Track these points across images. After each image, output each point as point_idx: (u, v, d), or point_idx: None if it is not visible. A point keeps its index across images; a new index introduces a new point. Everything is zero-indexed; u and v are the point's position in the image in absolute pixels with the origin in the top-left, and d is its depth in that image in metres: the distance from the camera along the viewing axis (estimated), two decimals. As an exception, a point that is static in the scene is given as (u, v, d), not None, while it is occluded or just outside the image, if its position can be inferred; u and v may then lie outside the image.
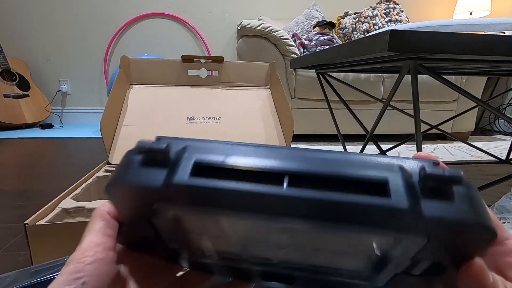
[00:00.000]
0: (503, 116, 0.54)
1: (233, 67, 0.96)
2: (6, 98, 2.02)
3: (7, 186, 0.93)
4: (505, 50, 0.42)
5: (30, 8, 2.20)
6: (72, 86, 2.39)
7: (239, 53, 1.71)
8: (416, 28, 0.52)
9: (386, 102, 0.62)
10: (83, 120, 2.43)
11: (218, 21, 2.39)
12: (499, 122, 2.43)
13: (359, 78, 1.71)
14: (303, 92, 1.70)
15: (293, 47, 1.64)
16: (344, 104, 0.97)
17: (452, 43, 0.42)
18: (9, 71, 2.07)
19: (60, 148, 1.53)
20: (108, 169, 0.71)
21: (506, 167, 1.23)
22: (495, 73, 0.93)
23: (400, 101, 1.77)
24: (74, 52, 2.32)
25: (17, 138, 1.77)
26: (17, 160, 1.26)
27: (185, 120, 0.87)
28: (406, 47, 0.42)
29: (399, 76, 0.57)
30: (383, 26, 1.86)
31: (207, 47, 2.41)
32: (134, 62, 0.90)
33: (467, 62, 0.54)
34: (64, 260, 0.35)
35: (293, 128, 0.85)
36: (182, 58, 0.92)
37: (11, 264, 0.52)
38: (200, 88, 0.94)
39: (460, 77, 1.79)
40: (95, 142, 1.65)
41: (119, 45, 2.36)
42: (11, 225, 0.66)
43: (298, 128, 1.72)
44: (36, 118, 2.16)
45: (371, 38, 0.45)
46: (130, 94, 0.88)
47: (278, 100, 0.93)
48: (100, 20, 2.29)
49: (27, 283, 0.32)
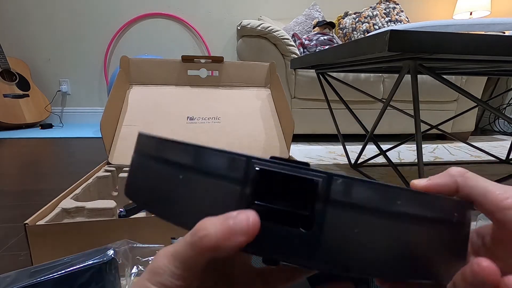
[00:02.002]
0: (503, 116, 0.54)
1: (233, 67, 0.96)
2: (6, 98, 2.02)
3: (7, 186, 0.93)
4: (505, 50, 0.42)
5: (30, 8, 2.20)
6: (72, 86, 2.39)
7: (239, 53, 1.71)
8: (416, 28, 0.52)
9: (386, 102, 0.62)
10: (83, 120, 2.43)
11: (218, 21, 2.39)
12: (499, 122, 2.43)
13: (359, 78, 1.71)
14: (303, 92, 1.70)
15: (293, 47, 1.64)
16: (344, 104, 0.97)
17: (452, 43, 0.42)
18: (9, 71, 2.07)
19: (60, 148, 1.53)
20: (108, 169, 0.71)
21: (506, 167, 1.23)
22: (495, 73, 0.93)
23: (400, 101, 1.77)
24: (74, 52, 2.32)
25: (17, 138, 1.77)
26: (17, 160, 1.26)
27: (185, 120, 0.87)
28: (406, 47, 0.42)
29: (399, 76, 0.57)
30: (383, 26, 1.86)
31: (207, 47, 2.41)
32: (134, 62, 0.90)
33: (467, 62, 0.54)
34: (64, 260, 0.35)
35: (293, 128, 0.85)
36: (182, 58, 0.92)
37: (11, 264, 0.52)
38: (200, 88, 0.94)
39: (460, 77, 1.79)
40: (95, 142, 1.65)
41: (119, 45, 2.36)
42: (11, 225, 0.66)
43: (298, 128, 1.72)
44: (36, 118, 2.16)
45: (371, 38, 0.45)
46: (130, 94, 0.88)
47: (278, 100, 0.93)
48: (100, 20, 2.29)
49: (27, 283, 0.32)
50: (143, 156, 0.19)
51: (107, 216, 0.50)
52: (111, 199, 0.58)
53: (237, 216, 0.13)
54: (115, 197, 0.69)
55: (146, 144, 0.19)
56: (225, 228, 0.13)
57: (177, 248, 0.14)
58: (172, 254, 0.14)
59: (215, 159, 0.15)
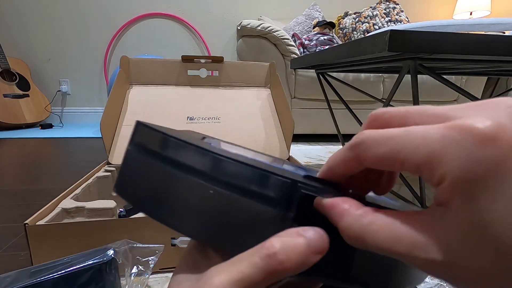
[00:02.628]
0: (503, 116, 0.54)
1: (233, 67, 0.96)
2: (6, 98, 2.02)
3: (7, 186, 0.93)
4: (505, 50, 0.42)
5: (30, 8, 2.20)
6: (72, 86, 2.39)
7: (239, 53, 1.71)
8: (416, 28, 0.52)
9: (386, 102, 0.62)
10: (83, 120, 2.43)
11: (218, 21, 2.39)
12: (499, 122, 2.43)
13: (359, 78, 1.71)
14: (303, 92, 1.70)
15: (293, 47, 1.64)
16: (344, 104, 0.97)
17: (452, 43, 0.42)
18: (9, 71, 2.07)
19: (60, 148, 1.53)
20: (108, 169, 0.71)
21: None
22: (495, 73, 0.93)
23: (400, 101, 1.77)
24: (74, 52, 2.32)
25: (17, 138, 1.77)
26: (17, 160, 1.26)
27: (185, 120, 0.87)
28: (406, 47, 0.42)
29: (399, 76, 0.57)
30: (383, 26, 1.86)
31: (207, 47, 2.41)
32: (134, 62, 0.90)
33: (467, 62, 0.54)
34: (64, 260, 0.35)
35: (293, 128, 0.85)
36: (182, 58, 0.92)
37: (11, 264, 0.52)
38: (200, 88, 0.94)
39: (460, 77, 1.79)
40: (95, 142, 1.65)
41: (119, 45, 2.36)
42: (11, 225, 0.66)
43: (298, 128, 1.72)
44: (36, 118, 2.16)
45: (371, 38, 0.45)
46: (130, 94, 0.88)
47: (278, 100, 0.93)
48: (100, 20, 2.29)
49: (27, 283, 0.32)
50: (144, 152, 0.16)
51: (107, 216, 0.50)
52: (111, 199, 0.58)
53: (310, 235, 0.13)
54: (115, 197, 0.69)
55: (149, 138, 0.16)
56: (304, 249, 0.12)
57: (243, 274, 0.12)
58: (238, 282, 0.12)
59: (254, 177, 0.13)
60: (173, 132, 0.18)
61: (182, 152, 0.15)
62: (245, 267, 0.12)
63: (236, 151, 0.20)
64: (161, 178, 0.15)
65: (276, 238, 0.13)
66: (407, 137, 0.11)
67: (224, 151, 0.16)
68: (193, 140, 0.16)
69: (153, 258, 0.42)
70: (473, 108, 0.12)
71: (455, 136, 0.10)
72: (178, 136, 0.16)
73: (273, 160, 0.26)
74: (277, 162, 0.25)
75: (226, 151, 0.16)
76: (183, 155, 0.15)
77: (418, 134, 0.11)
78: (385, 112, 0.14)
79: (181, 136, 0.16)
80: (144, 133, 0.17)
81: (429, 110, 0.12)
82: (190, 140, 0.16)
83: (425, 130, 0.11)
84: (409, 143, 0.11)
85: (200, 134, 0.29)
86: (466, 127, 0.10)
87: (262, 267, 0.12)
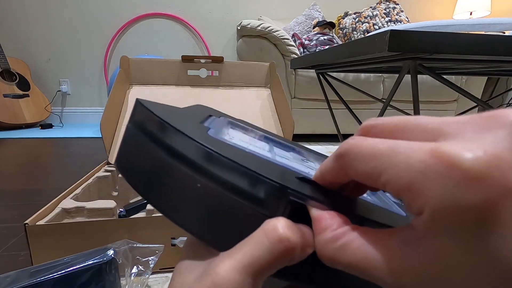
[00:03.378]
0: (503, 116, 0.54)
1: (233, 67, 0.96)
2: (6, 98, 2.02)
3: (7, 186, 0.93)
4: (505, 50, 0.42)
5: (30, 8, 2.20)
6: (72, 86, 2.39)
7: (239, 53, 1.71)
8: (416, 28, 0.52)
9: (386, 102, 0.62)
10: (83, 120, 2.43)
11: (218, 21, 2.39)
12: (499, 122, 2.43)
13: (359, 78, 1.71)
14: (303, 92, 1.70)
15: (293, 47, 1.64)
16: (344, 104, 0.97)
17: (452, 43, 0.42)
18: (9, 71, 2.07)
19: (60, 148, 1.53)
20: (108, 169, 0.71)
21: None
22: (495, 73, 0.93)
23: (400, 101, 1.77)
24: (74, 52, 2.32)
25: (17, 138, 1.77)
26: (17, 160, 1.26)
27: (185, 120, 0.86)
28: (406, 47, 0.42)
29: (399, 76, 0.57)
30: (383, 26, 1.86)
31: (207, 47, 2.41)
32: (134, 62, 0.90)
33: (467, 62, 0.54)
34: (64, 260, 0.35)
35: (293, 128, 0.85)
36: (182, 58, 0.92)
37: (11, 264, 0.52)
38: (200, 88, 0.94)
39: (460, 77, 1.79)
40: (95, 142, 1.65)
41: (119, 45, 2.36)
42: (11, 225, 0.66)
43: (298, 128, 1.72)
44: (36, 118, 2.16)
45: (371, 38, 0.45)
46: (130, 94, 0.88)
47: (278, 100, 0.93)
48: (100, 20, 2.29)
49: (27, 283, 0.32)
50: (141, 133, 0.16)
51: (107, 216, 0.50)
52: (111, 199, 0.58)
53: (302, 226, 0.13)
54: (115, 197, 0.69)
55: (145, 119, 0.16)
56: (304, 232, 0.13)
57: (251, 257, 0.12)
58: (245, 267, 0.12)
59: (243, 177, 0.13)
60: (172, 113, 0.18)
61: (173, 140, 0.14)
62: (253, 250, 0.12)
63: (238, 139, 0.20)
64: (153, 161, 0.15)
65: (276, 219, 0.12)
66: (390, 159, 0.11)
67: (219, 143, 0.15)
68: (189, 127, 0.16)
69: (153, 258, 0.42)
70: (472, 125, 0.10)
71: (438, 168, 0.09)
72: (173, 121, 0.15)
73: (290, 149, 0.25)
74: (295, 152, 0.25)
75: (222, 143, 0.15)
76: (175, 142, 0.14)
77: (401, 158, 0.10)
78: (375, 126, 0.13)
79: (178, 120, 0.16)
80: (142, 113, 0.17)
81: (422, 123, 0.12)
82: (185, 126, 0.15)
83: (410, 154, 0.10)
84: (392, 167, 0.10)
85: (208, 111, 0.27)
86: (453, 159, 0.09)
87: (271, 249, 0.12)
